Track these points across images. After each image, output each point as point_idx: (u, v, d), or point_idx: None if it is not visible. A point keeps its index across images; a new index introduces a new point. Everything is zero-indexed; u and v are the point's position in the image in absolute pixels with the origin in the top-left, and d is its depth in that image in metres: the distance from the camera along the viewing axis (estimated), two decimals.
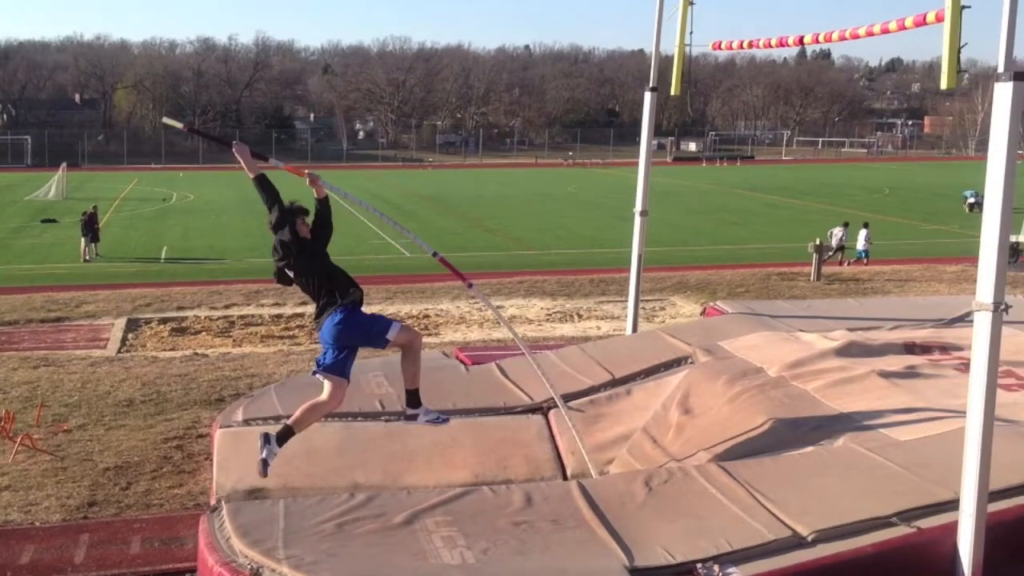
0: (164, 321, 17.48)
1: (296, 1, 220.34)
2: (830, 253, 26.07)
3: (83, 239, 28.04)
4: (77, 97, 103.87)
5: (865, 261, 26.19)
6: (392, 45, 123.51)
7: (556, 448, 8.14)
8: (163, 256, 29.07)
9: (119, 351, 15.21)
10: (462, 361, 10.64)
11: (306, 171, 7.37)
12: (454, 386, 9.38)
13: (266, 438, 6.73)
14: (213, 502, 7.04)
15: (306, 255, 6.93)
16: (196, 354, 14.61)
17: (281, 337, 16.59)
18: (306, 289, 7.04)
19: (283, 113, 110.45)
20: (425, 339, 16.47)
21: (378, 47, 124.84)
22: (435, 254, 7.77)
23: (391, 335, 6.91)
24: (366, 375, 9.79)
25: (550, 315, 18.66)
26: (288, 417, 6.91)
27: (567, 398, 8.81)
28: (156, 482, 8.73)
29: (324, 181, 7.29)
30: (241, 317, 17.97)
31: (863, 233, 26.84)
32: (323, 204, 7.21)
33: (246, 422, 8.55)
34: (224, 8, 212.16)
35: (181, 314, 18.15)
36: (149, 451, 9.54)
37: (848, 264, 26.10)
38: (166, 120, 8.18)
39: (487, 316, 18.48)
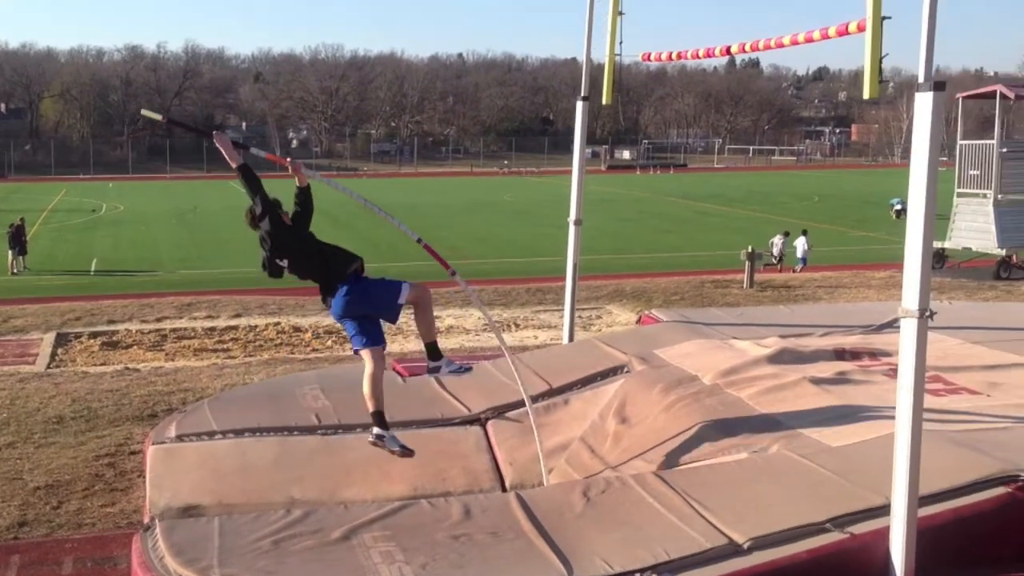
0: (94, 335, 17.15)
1: (226, 9, 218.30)
2: (772, 261, 26.67)
3: (10, 252, 27.47)
4: (3, 106, 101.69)
5: (799, 268, 26.74)
6: (324, 53, 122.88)
7: (494, 459, 8.14)
8: (93, 269, 28.58)
9: (48, 366, 14.88)
10: (399, 373, 10.59)
11: (288, 159, 7.33)
12: (390, 398, 9.26)
13: (379, 437, 6.91)
14: (146, 520, 6.93)
15: (295, 241, 6.91)
16: (128, 369, 14.35)
17: (215, 350, 16.38)
18: (304, 274, 6.98)
19: (214, 122, 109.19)
20: None
21: (310, 55, 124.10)
22: (419, 240, 7.78)
23: (402, 300, 6.93)
24: (301, 388, 9.71)
25: (487, 325, 18.66)
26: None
27: (504, 409, 8.83)
28: (88, 501, 8.55)
29: (305, 168, 7.27)
30: (173, 330, 17.71)
31: (801, 240, 27.46)
32: (304, 193, 7.16)
33: (179, 438, 8.43)
34: (153, 16, 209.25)
35: (112, 328, 17.83)
36: (80, 469, 9.35)
37: (792, 271, 26.60)
38: (145, 112, 8.00)
39: None
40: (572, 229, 11.30)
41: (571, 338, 11.59)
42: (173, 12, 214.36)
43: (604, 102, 10.71)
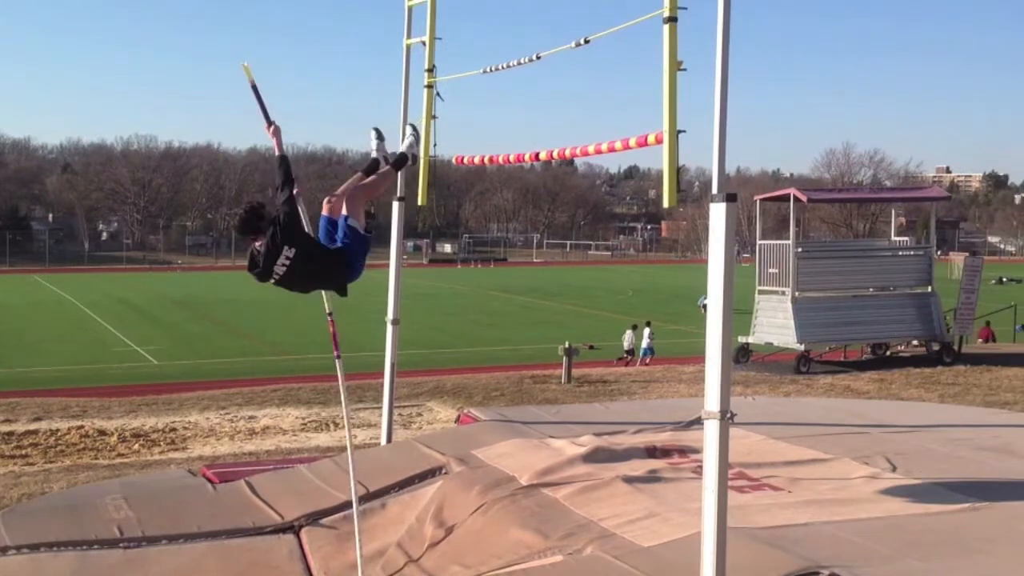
0: None
1: (33, 98, 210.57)
2: (623, 355, 27.78)
3: None
4: None
5: (648, 360, 27.75)
6: (137, 144, 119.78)
7: (308, 569, 7.91)
8: None
9: None
10: (209, 479, 10.21)
11: (271, 125, 7.26)
12: (199, 507, 8.99)
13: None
14: None
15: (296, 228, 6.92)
16: None
17: (12, 457, 15.46)
18: (306, 258, 6.89)
19: (19, 213, 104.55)
20: (172, 454, 15.82)
21: (122, 145, 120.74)
22: (330, 314, 7.80)
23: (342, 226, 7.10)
24: (103, 498, 9.24)
25: (305, 425, 18.29)
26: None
27: (320, 515, 8.61)
28: None
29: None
30: None
31: (646, 332, 28.45)
32: (283, 161, 7.15)
33: None
34: None
35: None
36: None
37: (644, 363, 27.67)
38: (245, 66, 7.53)
39: (238, 428, 17.92)
40: (389, 328, 11.28)
41: (389, 439, 11.47)
42: None
43: (419, 203, 10.84)
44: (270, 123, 7.30)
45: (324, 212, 7.29)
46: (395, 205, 11.26)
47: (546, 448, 9.29)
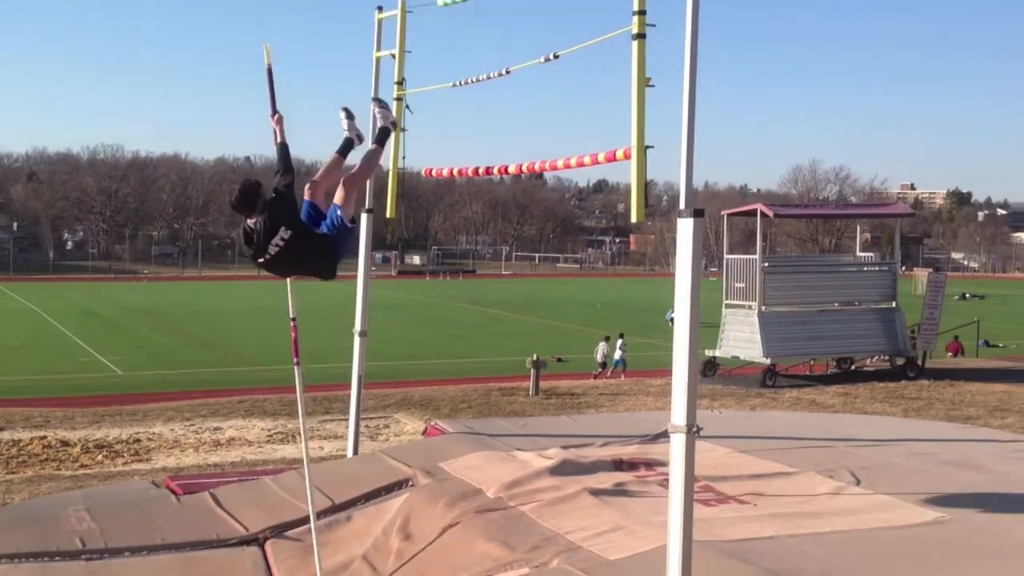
0: None
1: None
2: (598, 368, 27.91)
3: None
4: None
5: (621, 372, 27.84)
6: (104, 153, 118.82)
7: None
8: None
9: None
10: (173, 491, 10.11)
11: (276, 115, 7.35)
12: (163, 519, 8.91)
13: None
14: None
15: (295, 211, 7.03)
16: None
17: None
18: (303, 236, 6.93)
19: None
20: (135, 466, 15.67)
21: (88, 155, 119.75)
22: (293, 319, 7.76)
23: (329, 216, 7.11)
24: (65, 509, 9.14)
25: (271, 436, 18.18)
26: None
27: (285, 527, 8.56)
28: None
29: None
30: None
31: (619, 343, 28.53)
32: (283, 148, 7.33)
33: None
34: None
35: None
36: None
37: (616, 375, 27.83)
38: (266, 48, 7.58)
39: (203, 439, 17.80)
40: (357, 340, 11.25)
41: (356, 451, 11.43)
42: None
43: (388, 215, 10.82)
44: (275, 111, 7.35)
45: (306, 197, 7.30)
46: (363, 217, 11.24)
47: (513, 461, 9.28)
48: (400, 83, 10.19)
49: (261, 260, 6.94)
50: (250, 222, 6.85)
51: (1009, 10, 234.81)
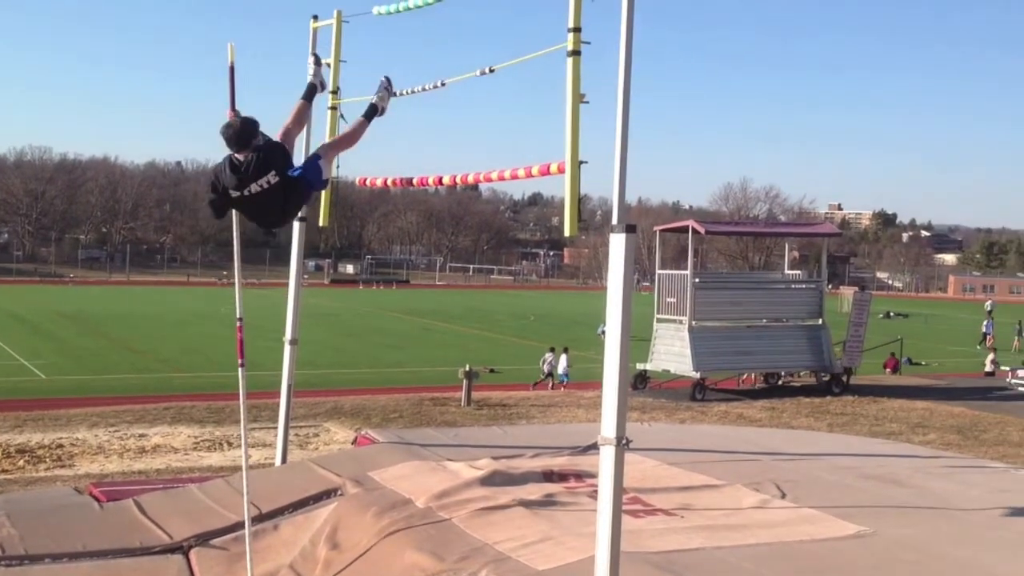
0: None
1: None
2: (541, 377, 27.87)
3: None
4: None
5: (563, 384, 27.83)
6: (31, 154, 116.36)
7: None
8: None
9: None
10: (96, 497, 9.94)
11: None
12: (85, 526, 8.74)
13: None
14: None
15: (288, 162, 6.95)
16: None
17: None
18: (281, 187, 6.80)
19: None
20: (58, 471, 15.34)
21: (15, 156, 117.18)
22: (240, 319, 7.98)
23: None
24: None
25: (198, 443, 17.93)
26: None
27: (211, 535, 8.45)
28: None
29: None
30: None
31: (563, 357, 28.54)
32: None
33: None
34: None
35: None
36: None
37: (559, 387, 27.80)
38: (231, 46, 7.72)
39: (128, 445, 17.49)
40: (287, 348, 11.15)
41: (284, 459, 11.32)
42: None
43: (321, 224, 10.76)
44: (234, 110, 7.31)
45: (279, 139, 7.19)
46: (295, 225, 11.15)
47: (443, 471, 9.27)
48: (335, 92, 10.13)
49: (238, 194, 6.80)
50: (240, 156, 6.73)
51: (935, 33, 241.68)
